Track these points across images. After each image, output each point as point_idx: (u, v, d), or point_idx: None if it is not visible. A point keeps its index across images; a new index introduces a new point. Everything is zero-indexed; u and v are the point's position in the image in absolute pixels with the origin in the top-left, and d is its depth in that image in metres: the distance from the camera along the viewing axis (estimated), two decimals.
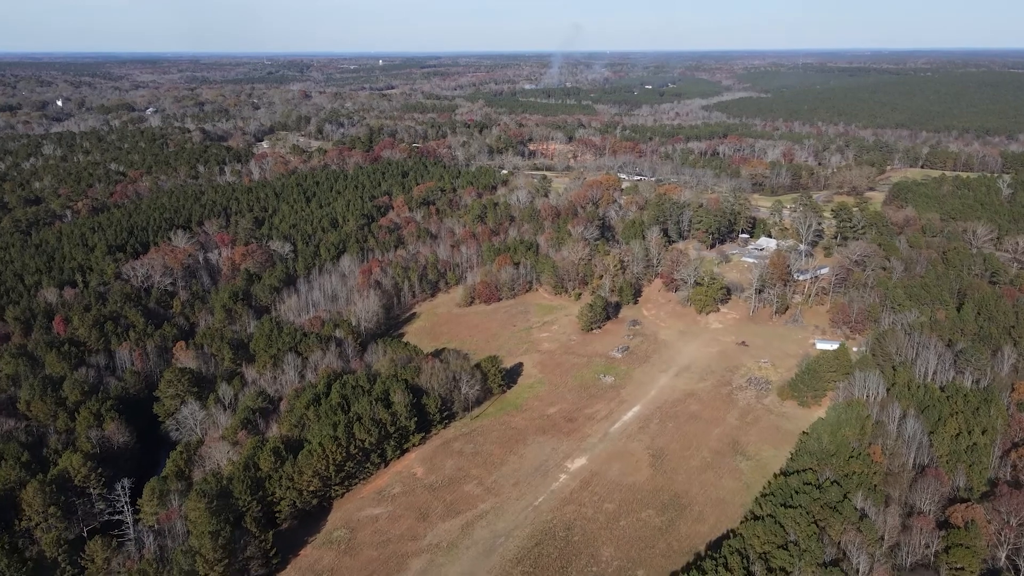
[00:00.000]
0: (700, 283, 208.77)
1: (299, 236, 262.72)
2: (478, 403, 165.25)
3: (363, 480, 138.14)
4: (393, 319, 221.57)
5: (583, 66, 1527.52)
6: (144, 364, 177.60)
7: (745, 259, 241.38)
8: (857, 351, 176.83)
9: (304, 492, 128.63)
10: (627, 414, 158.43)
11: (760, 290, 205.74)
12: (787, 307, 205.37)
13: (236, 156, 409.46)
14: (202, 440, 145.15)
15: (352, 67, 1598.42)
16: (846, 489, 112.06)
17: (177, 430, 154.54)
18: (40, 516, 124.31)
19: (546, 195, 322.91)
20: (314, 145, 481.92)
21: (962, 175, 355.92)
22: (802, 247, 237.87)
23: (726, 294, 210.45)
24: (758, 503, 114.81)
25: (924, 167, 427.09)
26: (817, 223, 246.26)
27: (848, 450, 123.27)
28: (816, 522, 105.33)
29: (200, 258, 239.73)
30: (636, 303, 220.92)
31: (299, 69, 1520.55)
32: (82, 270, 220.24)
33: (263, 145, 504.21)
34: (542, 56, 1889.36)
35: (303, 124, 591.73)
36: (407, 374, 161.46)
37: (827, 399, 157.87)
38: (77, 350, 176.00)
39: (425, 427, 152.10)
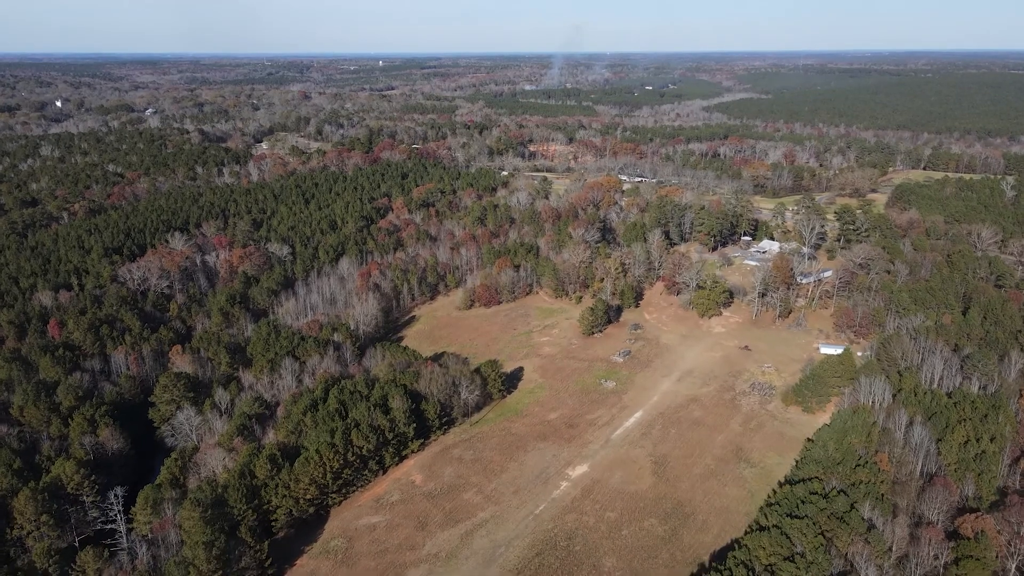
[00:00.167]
0: (702, 286, 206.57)
1: (297, 238, 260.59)
2: (478, 408, 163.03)
3: (361, 488, 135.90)
4: (392, 322, 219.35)
5: (583, 67, 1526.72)
6: (140, 368, 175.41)
7: (747, 262, 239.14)
8: (862, 356, 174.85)
9: (301, 500, 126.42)
10: (629, 420, 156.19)
11: (763, 294, 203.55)
12: (790, 311, 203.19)
13: (235, 157, 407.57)
14: (197, 447, 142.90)
15: (352, 68, 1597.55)
16: (853, 499, 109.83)
17: (172, 436, 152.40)
18: (32, 525, 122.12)
19: (546, 197, 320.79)
20: (313, 146, 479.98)
21: (965, 177, 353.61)
22: (805, 250, 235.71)
23: (729, 298, 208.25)
24: (763, 513, 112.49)
25: (926, 169, 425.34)
26: (820, 226, 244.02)
27: (854, 458, 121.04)
28: (823, 533, 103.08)
29: (197, 260, 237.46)
30: (638, 306, 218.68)
31: (299, 70, 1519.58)
32: (78, 273, 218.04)
33: (262, 146, 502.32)
34: (542, 57, 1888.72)
35: (302, 125, 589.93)
36: (406, 379, 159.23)
37: (832, 405, 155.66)
38: (72, 354, 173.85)
39: (424, 433, 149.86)
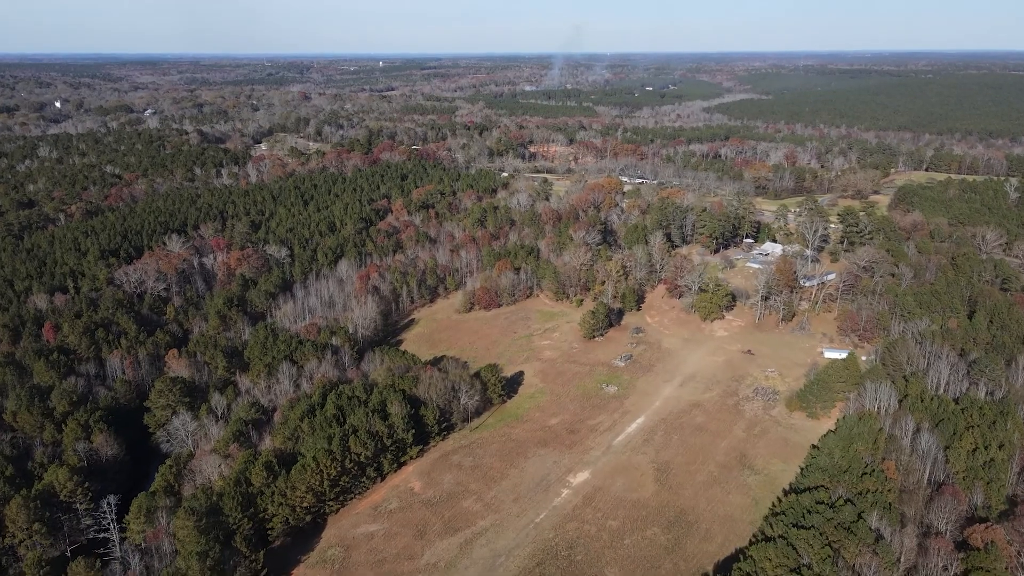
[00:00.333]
0: (705, 290, 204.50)
1: (296, 240, 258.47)
2: (478, 414, 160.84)
3: (358, 495, 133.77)
4: (391, 326, 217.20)
5: (583, 68, 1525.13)
6: (135, 373, 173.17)
7: (750, 264, 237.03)
8: (866, 360, 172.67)
9: (297, 508, 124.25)
10: (631, 426, 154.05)
11: (766, 297, 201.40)
12: (793, 314, 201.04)
13: (233, 158, 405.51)
14: (193, 453, 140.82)
15: (352, 68, 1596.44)
16: (860, 508, 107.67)
17: (168, 442, 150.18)
18: (24, 533, 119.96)
19: (547, 198, 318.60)
20: (312, 147, 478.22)
21: (968, 178, 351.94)
22: (808, 252, 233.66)
23: (731, 301, 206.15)
24: (768, 523, 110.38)
25: (928, 170, 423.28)
26: (823, 228, 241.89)
27: (861, 466, 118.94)
28: (830, 544, 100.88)
29: (195, 263, 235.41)
30: (639, 310, 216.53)
31: (299, 70, 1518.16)
32: (74, 275, 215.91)
33: (261, 147, 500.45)
34: (542, 58, 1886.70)
35: (302, 126, 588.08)
36: (405, 384, 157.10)
37: (836, 410, 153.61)
38: (66, 358, 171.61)
39: (423, 439, 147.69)
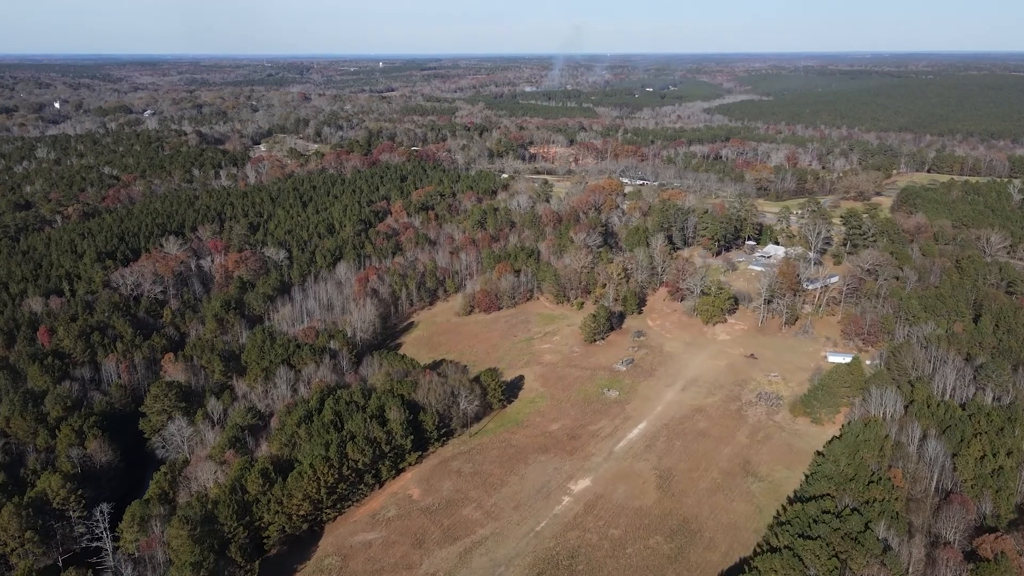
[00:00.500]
0: (707, 293, 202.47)
1: (294, 242, 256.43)
2: (477, 419, 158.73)
3: (356, 503, 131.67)
4: (390, 328, 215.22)
5: (584, 68, 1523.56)
6: (131, 377, 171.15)
7: (752, 267, 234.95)
8: (871, 364, 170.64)
9: (294, 516, 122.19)
10: (632, 431, 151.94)
11: (769, 300, 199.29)
12: (797, 318, 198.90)
13: (232, 160, 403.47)
14: (188, 460, 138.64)
15: (352, 69, 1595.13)
16: (867, 517, 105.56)
17: (164, 447, 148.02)
18: (16, 541, 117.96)
19: (547, 200, 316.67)
20: (312, 148, 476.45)
21: (971, 180, 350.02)
22: (811, 255, 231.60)
23: (734, 304, 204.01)
24: (774, 532, 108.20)
25: (930, 171, 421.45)
26: (826, 230, 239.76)
27: (867, 474, 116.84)
28: (837, 555, 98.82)
29: (192, 265, 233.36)
30: (640, 313, 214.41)
31: (299, 71, 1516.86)
32: (69, 278, 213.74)
33: (260, 148, 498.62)
34: (542, 58, 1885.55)
35: (301, 127, 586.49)
36: (403, 389, 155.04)
37: (841, 416, 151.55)
38: (61, 363, 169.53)
39: (422, 445, 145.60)
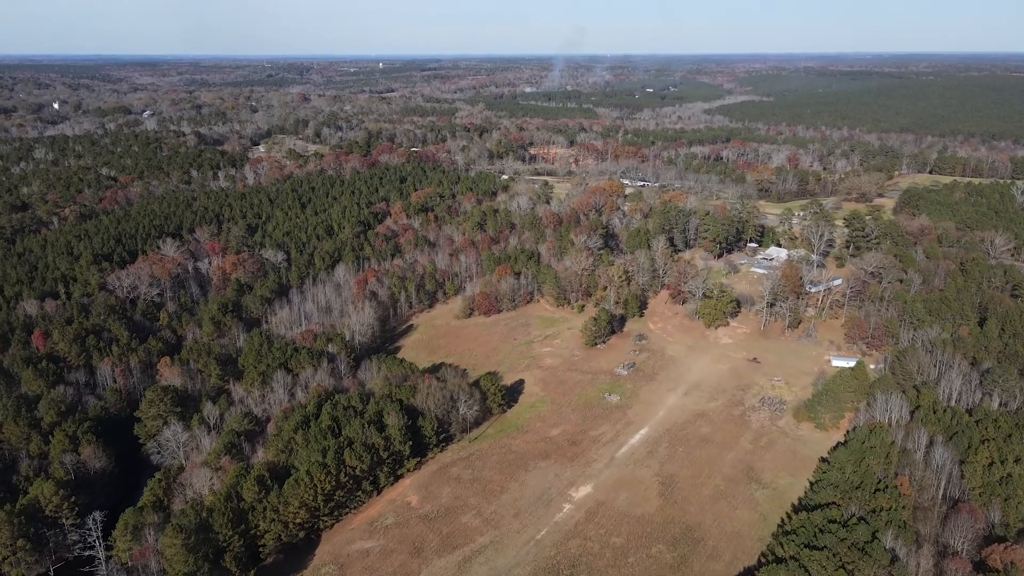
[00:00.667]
0: (709, 296, 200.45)
1: (293, 244, 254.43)
2: (477, 424, 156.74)
3: (354, 510, 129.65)
4: (389, 331, 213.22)
5: (584, 69, 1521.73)
6: (127, 381, 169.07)
7: (754, 269, 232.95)
8: (875, 368, 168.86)
9: (290, 524, 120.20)
10: (634, 437, 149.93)
11: (772, 303, 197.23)
12: (800, 321, 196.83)
13: (231, 161, 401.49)
14: (183, 466, 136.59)
15: (352, 70, 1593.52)
16: (874, 527, 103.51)
17: (159, 453, 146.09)
18: (8, 550, 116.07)
19: (547, 202, 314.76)
20: (311, 149, 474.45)
21: (973, 181, 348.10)
22: (814, 257, 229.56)
23: (736, 307, 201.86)
24: (779, 542, 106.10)
25: (932, 172, 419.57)
26: (829, 232, 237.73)
27: (873, 482, 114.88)
28: (844, 566, 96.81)
29: (189, 267, 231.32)
30: (642, 316, 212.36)
31: (299, 72, 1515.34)
32: (65, 280, 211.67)
33: (259, 149, 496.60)
34: (543, 59, 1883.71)
35: (301, 128, 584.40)
36: (402, 394, 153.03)
37: (845, 421, 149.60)
38: (56, 367, 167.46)
39: (421, 451, 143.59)
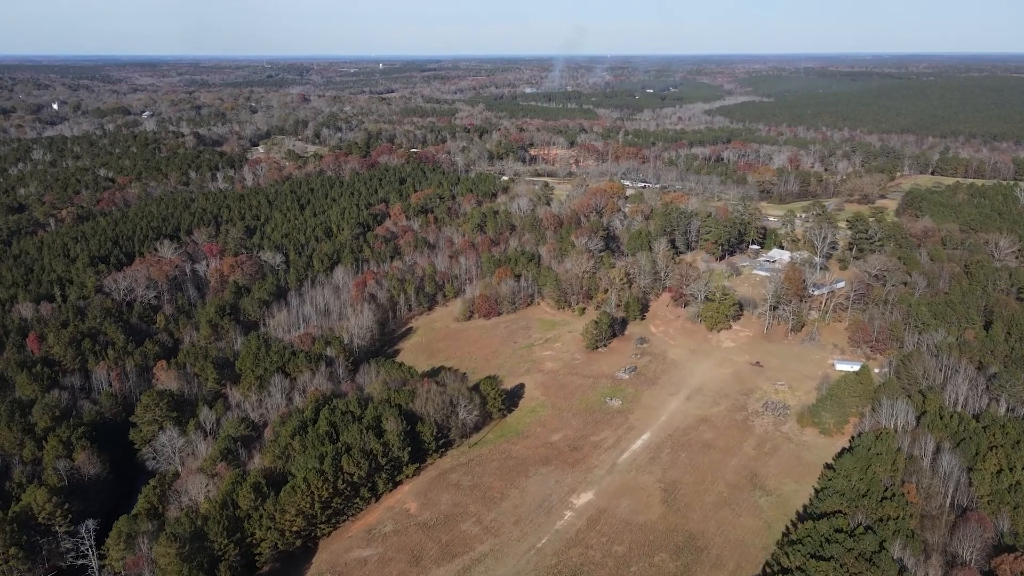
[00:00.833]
0: (711, 298, 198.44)
1: (291, 246, 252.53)
2: (477, 429, 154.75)
3: (352, 517, 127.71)
4: (388, 334, 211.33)
5: (584, 70, 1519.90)
6: (122, 385, 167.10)
7: (757, 272, 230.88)
8: (879, 372, 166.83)
9: (287, 532, 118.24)
10: (636, 442, 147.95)
11: (775, 306, 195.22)
12: (803, 324, 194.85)
13: (229, 162, 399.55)
14: (178, 473, 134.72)
15: (352, 70, 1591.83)
16: (882, 536, 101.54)
17: (154, 459, 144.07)
18: (0, 558, 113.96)
19: (548, 203, 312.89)
20: (310, 150, 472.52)
21: (976, 182, 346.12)
22: (817, 260, 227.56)
23: (738, 310, 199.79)
24: (784, 552, 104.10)
25: (934, 174, 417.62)
26: (832, 234, 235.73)
27: (880, 489, 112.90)
28: None
29: (187, 269, 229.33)
30: (643, 319, 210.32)
31: (299, 72, 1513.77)
32: (61, 283, 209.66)
33: (258, 150, 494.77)
34: (543, 60, 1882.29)
35: (300, 128, 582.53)
36: (401, 398, 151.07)
37: (850, 426, 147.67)
38: (50, 371, 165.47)
39: (420, 457, 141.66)
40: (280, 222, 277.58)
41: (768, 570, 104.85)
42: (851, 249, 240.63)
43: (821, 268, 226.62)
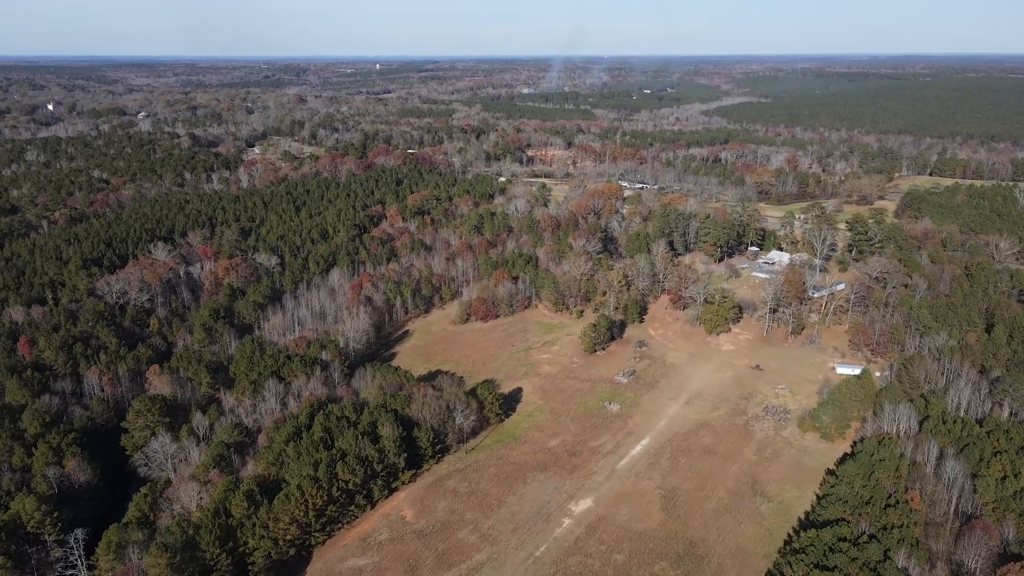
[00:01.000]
0: (710, 301, 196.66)
1: (287, 248, 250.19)
2: (474, 434, 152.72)
3: (347, 525, 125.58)
4: (384, 337, 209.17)
5: (581, 71, 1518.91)
6: (114, 390, 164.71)
7: (756, 274, 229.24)
8: (880, 376, 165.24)
9: (280, 541, 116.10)
10: (635, 448, 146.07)
11: (775, 309, 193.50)
12: (803, 327, 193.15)
13: (225, 163, 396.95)
14: (170, 480, 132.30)
15: (349, 71, 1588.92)
16: (886, 545, 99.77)
17: (146, 465, 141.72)
18: None
19: (545, 204, 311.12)
20: (307, 151, 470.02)
21: (975, 183, 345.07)
22: (817, 262, 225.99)
23: (738, 313, 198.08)
24: (787, 561, 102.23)
25: (933, 175, 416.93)
26: (831, 236, 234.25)
27: (883, 497, 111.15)
28: None
29: (181, 272, 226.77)
30: (642, 322, 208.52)
31: (296, 73, 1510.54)
32: (53, 286, 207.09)
33: (254, 151, 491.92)
34: (540, 60, 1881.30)
35: (296, 129, 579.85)
36: (397, 403, 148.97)
37: (851, 431, 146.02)
38: (41, 375, 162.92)
39: (416, 463, 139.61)
40: (275, 224, 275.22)
41: None
42: (851, 251, 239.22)
43: (820, 270, 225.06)
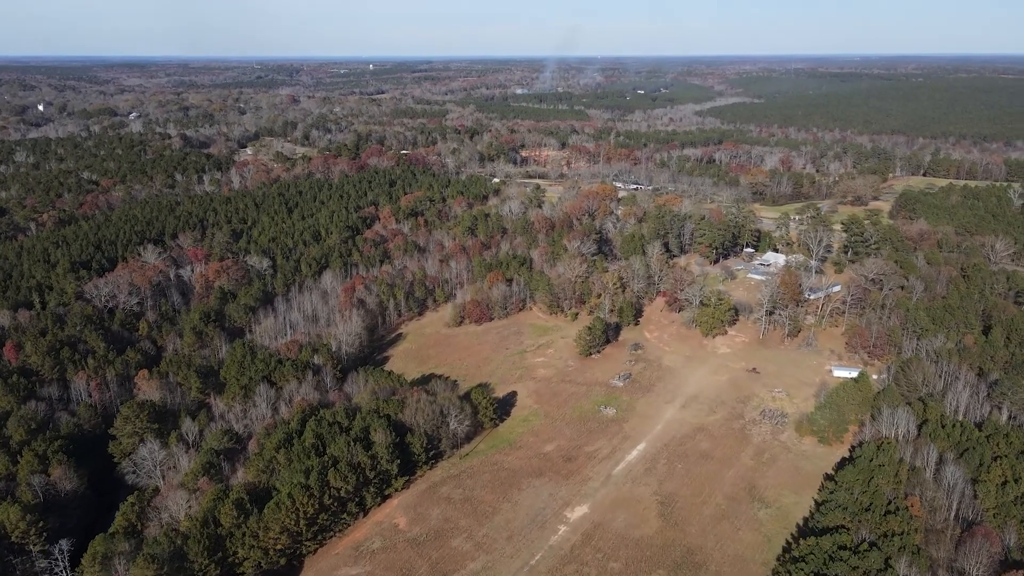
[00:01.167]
0: (706, 303, 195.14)
1: (279, 250, 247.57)
2: (468, 439, 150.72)
3: (338, 533, 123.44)
4: (377, 341, 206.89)
5: (575, 71, 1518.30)
6: (102, 395, 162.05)
7: (752, 276, 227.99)
8: (878, 379, 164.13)
9: (270, 551, 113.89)
10: (631, 453, 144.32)
11: (771, 311, 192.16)
12: (799, 329, 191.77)
13: (216, 164, 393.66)
14: (158, 488, 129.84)
15: (342, 71, 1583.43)
16: (887, 552, 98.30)
17: (134, 473, 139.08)
18: None
19: (540, 206, 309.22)
20: (299, 152, 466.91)
21: (969, 184, 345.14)
22: (812, 263, 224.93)
23: (734, 315, 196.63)
24: (787, 570, 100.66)
25: (927, 175, 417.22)
26: (827, 237, 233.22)
27: (883, 503, 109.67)
28: None
29: (171, 275, 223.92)
30: (637, 324, 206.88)
31: (289, 73, 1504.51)
32: (40, 289, 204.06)
33: (246, 152, 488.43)
34: (534, 61, 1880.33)
35: (289, 130, 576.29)
36: (390, 408, 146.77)
37: (849, 435, 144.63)
38: (27, 381, 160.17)
39: (409, 469, 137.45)
40: (267, 226, 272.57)
41: None
42: (846, 252, 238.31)
43: (816, 272, 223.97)
